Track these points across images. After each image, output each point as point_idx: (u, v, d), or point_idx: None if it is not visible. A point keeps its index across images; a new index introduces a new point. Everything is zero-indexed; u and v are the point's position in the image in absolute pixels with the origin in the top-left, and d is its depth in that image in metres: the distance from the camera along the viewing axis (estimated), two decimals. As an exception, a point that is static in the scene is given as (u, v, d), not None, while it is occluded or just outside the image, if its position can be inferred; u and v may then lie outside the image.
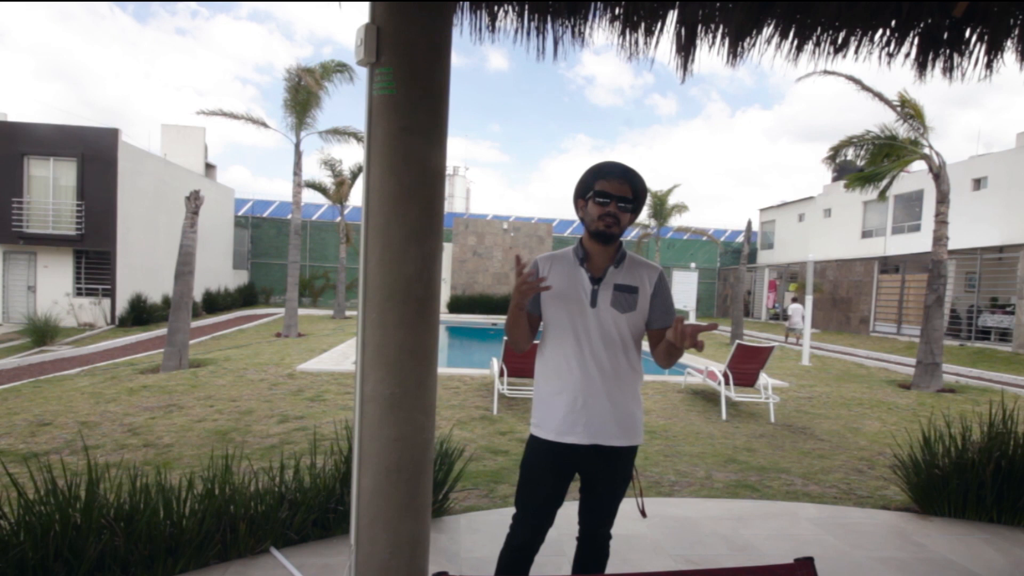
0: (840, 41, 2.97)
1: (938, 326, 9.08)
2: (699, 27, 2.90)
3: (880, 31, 2.95)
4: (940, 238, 9.23)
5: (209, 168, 22.85)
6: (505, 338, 6.90)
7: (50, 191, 15.68)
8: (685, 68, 3.00)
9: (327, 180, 18.78)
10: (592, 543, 2.01)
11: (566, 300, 1.90)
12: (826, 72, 8.21)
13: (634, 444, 1.92)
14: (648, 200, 22.74)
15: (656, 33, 2.90)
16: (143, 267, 16.98)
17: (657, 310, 1.94)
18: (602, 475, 1.93)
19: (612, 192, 1.85)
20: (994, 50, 3.04)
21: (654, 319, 1.94)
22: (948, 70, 3.12)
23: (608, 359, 1.87)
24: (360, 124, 1.97)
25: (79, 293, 16.19)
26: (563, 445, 1.87)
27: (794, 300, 17.30)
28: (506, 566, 1.98)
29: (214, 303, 20.27)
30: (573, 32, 2.91)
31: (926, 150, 9.43)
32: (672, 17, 2.85)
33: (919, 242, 18.07)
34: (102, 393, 6.84)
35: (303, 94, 13.85)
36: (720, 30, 2.91)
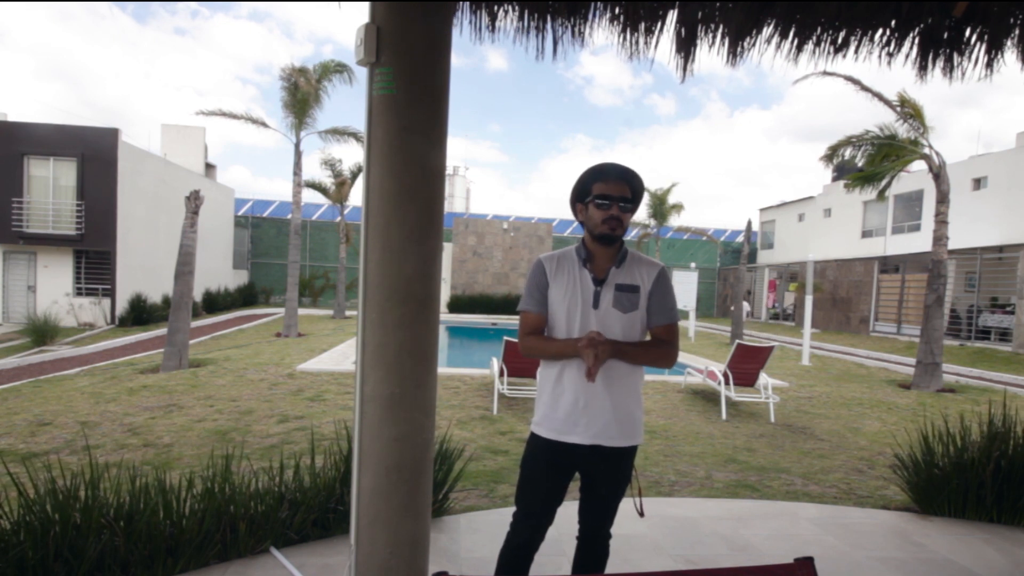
0: (840, 41, 2.97)
1: (938, 326, 9.08)
2: (699, 27, 2.90)
3: (880, 31, 2.95)
4: (940, 238, 9.22)
5: (209, 168, 22.85)
6: (506, 338, 6.90)
7: (50, 191, 15.68)
8: (685, 68, 3.00)
9: (327, 180, 18.78)
10: (592, 543, 2.01)
11: (570, 301, 1.90)
12: (825, 73, 8.20)
13: (634, 444, 1.92)
14: (647, 199, 22.85)
15: (656, 33, 2.90)
16: (143, 267, 16.98)
17: (654, 307, 1.93)
18: (602, 475, 1.93)
19: (612, 194, 1.85)
20: (994, 50, 3.03)
21: (650, 316, 1.94)
22: (948, 70, 3.11)
23: (611, 360, 1.87)
24: (360, 124, 1.97)
25: (79, 293, 16.19)
26: (563, 444, 1.88)
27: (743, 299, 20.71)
28: (506, 564, 1.98)
29: (214, 303, 20.27)
30: (573, 32, 2.91)
31: (926, 150, 9.43)
32: (672, 17, 2.85)
33: (919, 242, 18.07)
34: (102, 393, 6.84)
35: (302, 94, 13.85)
36: (720, 30, 2.91)
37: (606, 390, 1.86)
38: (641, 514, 2.04)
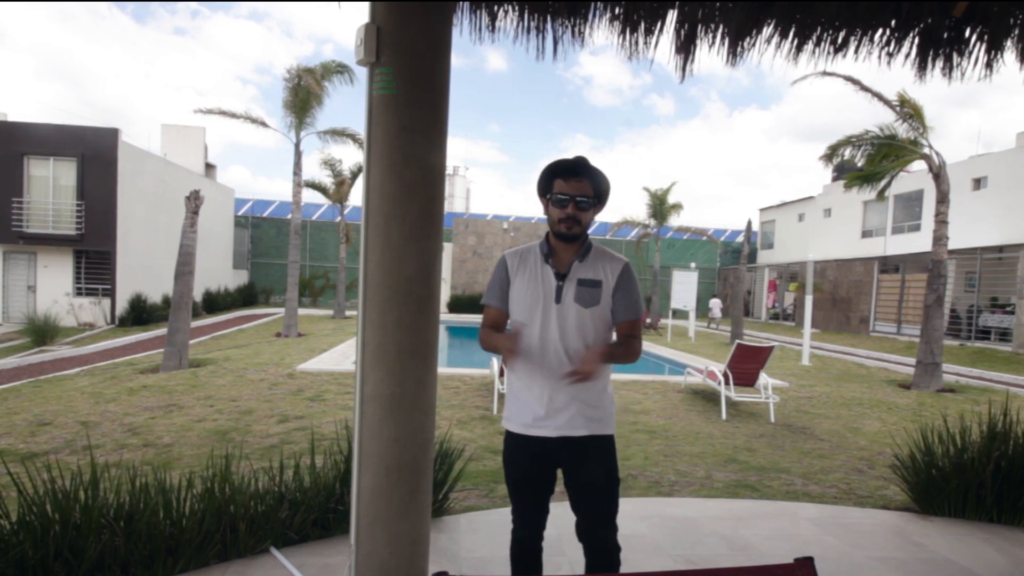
0: (840, 41, 2.97)
1: (938, 326, 9.08)
2: (699, 27, 2.90)
3: (880, 31, 2.95)
4: (940, 238, 9.22)
5: (209, 168, 22.85)
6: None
7: (50, 191, 15.68)
8: (685, 68, 3.00)
9: (327, 180, 18.79)
10: (594, 552, 1.93)
11: (532, 297, 1.90)
12: (825, 73, 8.19)
13: (602, 434, 1.91)
14: (647, 199, 22.83)
15: (656, 33, 2.90)
16: (143, 267, 16.98)
17: (619, 304, 1.92)
18: (577, 468, 1.92)
19: (570, 192, 1.84)
20: (994, 50, 3.03)
21: (616, 313, 1.93)
22: (948, 70, 3.11)
23: (573, 354, 1.87)
24: (360, 124, 1.96)
25: (79, 293, 16.18)
26: (533, 438, 1.89)
27: (714, 296, 24.26)
28: (515, 557, 2.01)
29: (214, 303, 20.27)
30: (573, 32, 2.91)
31: (926, 150, 9.43)
32: (672, 17, 2.85)
33: (919, 242, 18.06)
34: (102, 393, 6.84)
35: (303, 94, 13.85)
36: (720, 30, 2.91)
37: (570, 384, 1.84)
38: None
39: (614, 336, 1.97)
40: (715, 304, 22.66)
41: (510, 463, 1.98)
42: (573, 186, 1.85)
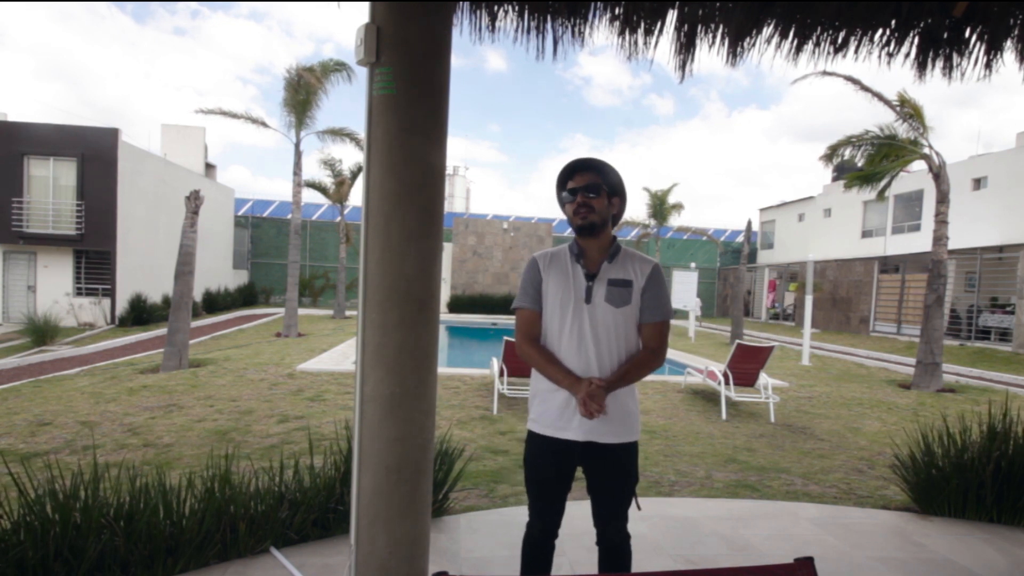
0: (840, 41, 2.97)
1: (938, 326, 9.08)
2: (699, 27, 2.90)
3: (880, 31, 2.95)
4: (940, 238, 9.22)
5: (209, 168, 22.85)
6: (506, 338, 6.89)
7: (50, 191, 15.68)
8: (684, 68, 3.00)
9: (327, 180, 18.78)
10: (607, 543, 1.99)
11: (563, 296, 1.91)
12: (825, 73, 8.19)
13: (630, 441, 1.92)
14: (647, 199, 22.85)
15: (656, 33, 2.90)
16: (143, 267, 16.97)
17: (647, 304, 1.93)
18: (601, 471, 1.93)
19: (577, 186, 1.90)
20: (994, 50, 3.03)
21: (644, 313, 1.94)
22: (948, 70, 3.11)
23: (604, 355, 1.88)
24: (360, 124, 1.96)
25: (79, 293, 16.19)
26: (560, 440, 1.89)
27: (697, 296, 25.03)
28: (527, 554, 2.02)
29: (214, 303, 20.27)
30: (573, 32, 2.91)
31: (926, 150, 9.42)
32: (672, 17, 2.85)
33: (919, 242, 18.06)
34: (102, 393, 6.84)
35: (303, 93, 13.85)
36: (720, 30, 2.91)
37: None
38: (638, 507, 2.05)
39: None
40: (697, 303, 22.93)
41: (532, 464, 1.97)
42: (579, 180, 1.91)
